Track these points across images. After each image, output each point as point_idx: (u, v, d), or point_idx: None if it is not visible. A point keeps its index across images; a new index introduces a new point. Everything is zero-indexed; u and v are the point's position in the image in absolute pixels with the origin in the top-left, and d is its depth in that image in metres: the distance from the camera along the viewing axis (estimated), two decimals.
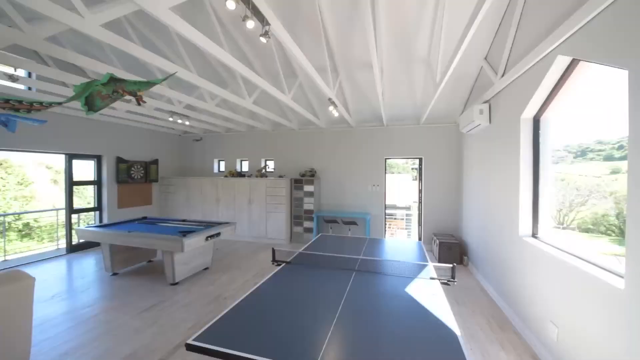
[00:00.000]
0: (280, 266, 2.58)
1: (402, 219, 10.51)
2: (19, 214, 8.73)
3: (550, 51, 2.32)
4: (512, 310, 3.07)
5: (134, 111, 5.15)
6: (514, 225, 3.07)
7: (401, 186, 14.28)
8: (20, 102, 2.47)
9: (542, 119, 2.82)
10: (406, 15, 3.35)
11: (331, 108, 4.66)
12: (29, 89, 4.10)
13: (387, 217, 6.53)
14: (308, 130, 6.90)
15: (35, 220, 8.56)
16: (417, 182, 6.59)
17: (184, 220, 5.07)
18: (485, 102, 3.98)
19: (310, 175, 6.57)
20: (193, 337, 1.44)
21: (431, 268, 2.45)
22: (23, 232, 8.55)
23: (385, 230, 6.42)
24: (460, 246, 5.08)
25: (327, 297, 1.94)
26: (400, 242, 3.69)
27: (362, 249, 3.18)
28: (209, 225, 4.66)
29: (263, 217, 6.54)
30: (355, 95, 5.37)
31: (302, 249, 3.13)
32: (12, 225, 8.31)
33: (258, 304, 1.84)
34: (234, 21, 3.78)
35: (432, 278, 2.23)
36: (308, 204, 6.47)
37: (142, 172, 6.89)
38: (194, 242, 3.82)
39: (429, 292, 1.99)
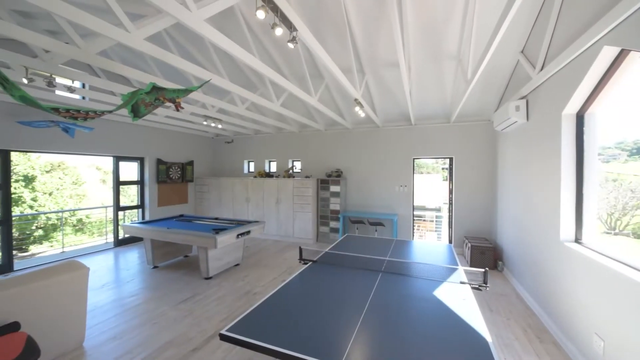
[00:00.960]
0: (307, 265, 2.64)
1: (432, 221, 10.16)
2: (73, 210, 9.69)
3: (595, 42, 2.15)
4: (552, 320, 2.87)
5: (172, 116, 5.52)
6: (554, 230, 2.88)
7: (430, 187, 13.81)
8: (78, 111, 2.78)
9: (587, 114, 2.61)
10: (434, 10, 3.27)
11: (357, 109, 4.66)
12: (83, 98, 4.55)
13: (415, 218, 6.38)
14: (334, 130, 6.93)
15: (87, 217, 9.45)
16: (447, 182, 6.35)
17: (216, 219, 5.35)
18: (522, 98, 3.75)
19: (336, 176, 6.60)
20: (226, 328, 1.54)
21: (461, 272, 2.38)
22: (77, 227, 9.48)
23: (413, 232, 6.27)
24: (495, 250, 4.82)
25: (354, 296, 1.96)
26: (429, 245, 3.60)
27: (388, 251, 3.15)
28: (240, 223, 4.86)
29: (290, 217, 6.68)
30: (382, 94, 5.31)
31: (329, 248, 3.17)
32: (68, 220, 9.25)
33: (286, 300, 1.91)
34: (263, 28, 3.92)
35: (462, 282, 2.16)
36: (334, 204, 6.50)
37: (179, 172, 7.35)
38: (226, 240, 4.02)
39: (458, 296, 1.94)
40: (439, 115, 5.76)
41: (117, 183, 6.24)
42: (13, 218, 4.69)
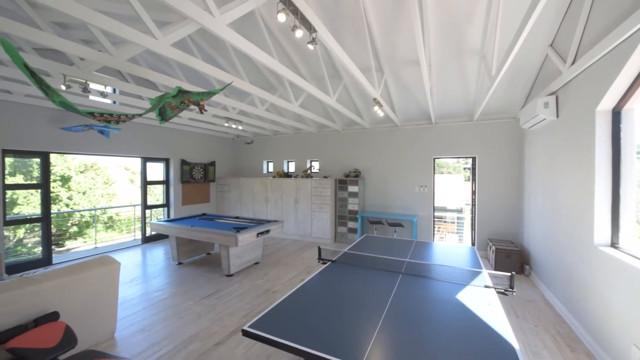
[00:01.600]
0: (326, 264, 2.66)
1: (453, 222, 9.88)
2: (104, 208, 10.26)
3: (633, 33, 2.01)
4: (584, 329, 2.71)
5: (195, 118, 5.72)
6: (587, 233, 2.71)
7: (452, 187, 13.42)
8: (111, 114, 2.95)
9: (624, 110, 2.44)
10: (456, 5, 3.18)
11: (376, 108, 4.61)
12: (114, 102, 4.82)
13: (435, 219, 6.22)
14: (352, 130, 6.91)
15: (117, 214, 9.98)
16: (470, 182, 6.15)
17: (237, 218, 5.48)
18: (551, 94, 3.57)
19: (354, 176, 6.57)
20: (248, 324, 1.58)
21: (485, 275, 2.31)
22: (107, 224, 10.04)
23: (433, 234, 6.12)
24: (521, 254, 4.62)
25: (373, 297, 1.95)
26: (450, 247, 3.51)
27: (408, 252, 3.10)
28: (259, 222, 4.96)
29: (308, 216, 6.73)
30: (401, 93, 5.23)
31: (347, 248, 3.17)
32: (100, 218, 9.82)
33: (306, 299, 1.93)
34: (282, 30, 3.98)
35: (486, 286, 2.10)
36: (352, 204, 6.48)
37: (202, 172, 7.60)
38: (247, 238, 4.11)
39: (483, 300, 1.89)
40: (461, 114, 5.59)
41: (145, 183, 6.55)
42: (52, 215, 5.05)
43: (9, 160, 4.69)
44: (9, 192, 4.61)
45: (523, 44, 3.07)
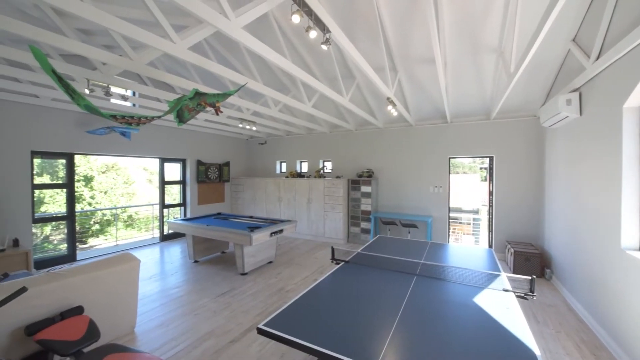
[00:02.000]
0: (339, 265, 2.65)
1: (469, 224, 9.65)
2: (124, 207, 10.64)
3: None
4: (610, 337, 2.59)
5: (210, 120, 5.84)
6: (614, 236, 2.59)
7: (467, 187, 13.10)
8: (132, 117, 3.06)
9: None
10: (472, 0, 3.10)
11: (390, 107, 4.57)
12: (134, 105, 4.98)
13: (450, 220, 6.09)
14: (365, 130, 6.86)
15: (136, 213, 10.32)
16: (486, 183, 5.99)
17: (251, 217, 5.56)
18: (573, 90, 3.43)
19: (367, 176, 6.53)
20: (263, 322, 1.61)
21: (504, 279, 2.24)
22: (127, 223, 10.40)
23: (449, 235, 6.00)
24: (542, 257, 4.45)
25: (388, 299, 1.94)
26: (466, 249, 3.43)
27: (423, 253, 3.06)
28: (273, 222, 5.01)
29: (321, 216, 6.74)
30: (416, 92, 5.15)
31: (361, 249, 3.15)
32: (120, 216, 10.18)
33: (320, 299, 1.94)
34: (295, 31, 4.00)
35: (505, 290, 2.04)
36: (365, 204, 6.43)
37: (217, 173, 7.76)
38: (260, 237, 4.16)
39: (501, 304, 1.84)
40: (478, 112, 5.45)
41: (162, 182, 6.74)
42: (76, 214, 5.28)
43: (37, 161, 4.93)
44: (36, 192, 4.85)
45: (544, 39, 2.96)
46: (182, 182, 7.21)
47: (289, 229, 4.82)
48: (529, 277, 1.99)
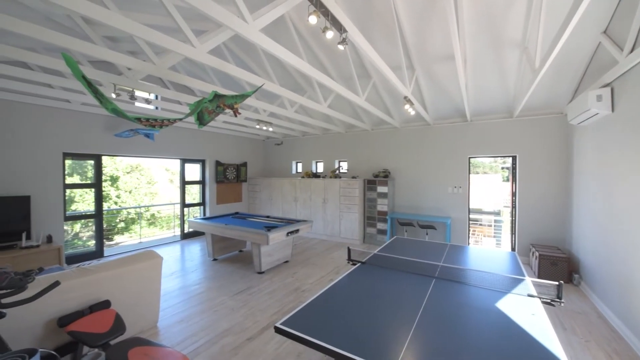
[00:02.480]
0: (356, 265, 2.64)
1: (490, 225, 9.32)
2: (148, 206, 11.06)
3: None
4: None
5: (228, 121, 5.97)
6: None
7: (488, 188, 12.66)
8: (155, 120, 3.18)
9: None
10: None
11: (407, 106, 4.49)
12: (156, 108, 5.18)
13: (470, 222, 5.91)
14: (382, 130, 6.78)
15: (158, 212, 10.70)
16: (509, 183, 5.77)
17: (267, 217, 5.63)
18: (604, 85, 3.24)
19: (383, 176, 6.45)
20: (281, 321, 1.62)
21: (529, 283, 2.15)
22: (150, 221, 10.80)
23: (468, 237, 5.83)
24: (570, 262, 4.23)
25: (405, 301, 1.91)
26: (488, 251, 3.32)
27: (442, 256, 2.98)
28: (289, 222, 5.05)
29: (337, 217, 6.72)
30: (434, 90, 5.04)
31: (377, 250, 3.12)
32: (143, 215, 10.59)
33: (336, 299, 1.94)
34: (310, 32, 4.02)
35: (530, 295, 1.95)
36: (382, 205, 6.36)
37: (235, 173, 7.92)
38: (277, 237, 4.21)
39: (526, 310, 1.76)
40: (500, 110, 5.26)
41: (183, 182, 6.97)
42: (103, 212, 5.54)
43: (68, 162, 5.23)
44: (67, 191, 5.14)
45: (572, 32, 2.81)
46: (202, 182, 7.41)
47: (304, 228, 4.85)
48: (556, 283, 1.90)
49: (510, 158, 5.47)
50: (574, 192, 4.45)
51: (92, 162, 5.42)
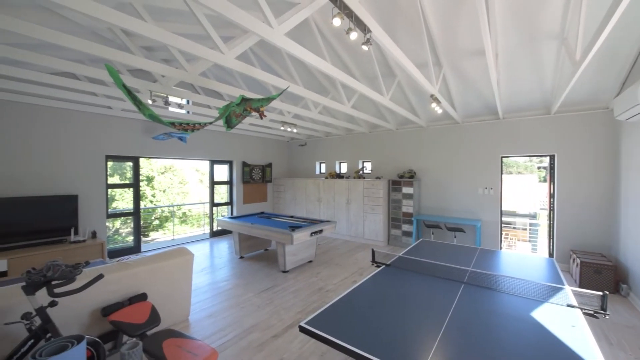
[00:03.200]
0: (380, 268, 2.61)
1: (524, 229, 8.79)
2: (180, 205, 11.66)
3: None
4: None
5: (254, 123, 6.14)
6: None
7: (523, 189, 11.92)
8: (187, 124, 3.36)
9: None
10: None
11: (434, 105, 4.36)
12: (188, 112, 5.45)
13: (503, 225, 5.61)
14: (407, 129, 6.63)
15: (189, 211, 11.24)
16: (546, 184, 5.40)
17: (291, 217, 5.72)
18: None
19: (409, 177, 6.30)
20: (305, 321, 1.65)
21: (568, 293, 2.01)
22: (182, 219, 11.37)
23: (500, 241, 5.53)
24: (616, 270, 3.88)
25: (433, 306, 1.86)
26: (522, 257, 3.13)
27: (471, 260, 2.87)
28: (313, 222, 5.09)
29: (360, 218, 6.67)
30: (462, 87, 4.84)
31: (403, 252, 3.06)
32: (176, 213, 11.18)
33: (361, 301, 1.93)
34: (334, 33, 4.03)
35: (570, 305, 1.82)
36: (407, 206, 6.22)
37: (260, 173, 8.14)
38: (301, 237, 4.27)
39: (566, 322, 1.65)
40: (536, 106, 4.94)
41: (212, 183, 7.28)
42: (140, 210, 5.93)
43: (109, 164, 5.65)
44: (109, 190, 5.56)
45: (617, 21, 2.59)
46: (229, 183, 7.69)
47: (328, 229, 4.87)
48: (601, 293, 1.76)
49: (548, 157, 5.12)
50: (621, 194, 4.08)
51: (130, 163, 5.82)
